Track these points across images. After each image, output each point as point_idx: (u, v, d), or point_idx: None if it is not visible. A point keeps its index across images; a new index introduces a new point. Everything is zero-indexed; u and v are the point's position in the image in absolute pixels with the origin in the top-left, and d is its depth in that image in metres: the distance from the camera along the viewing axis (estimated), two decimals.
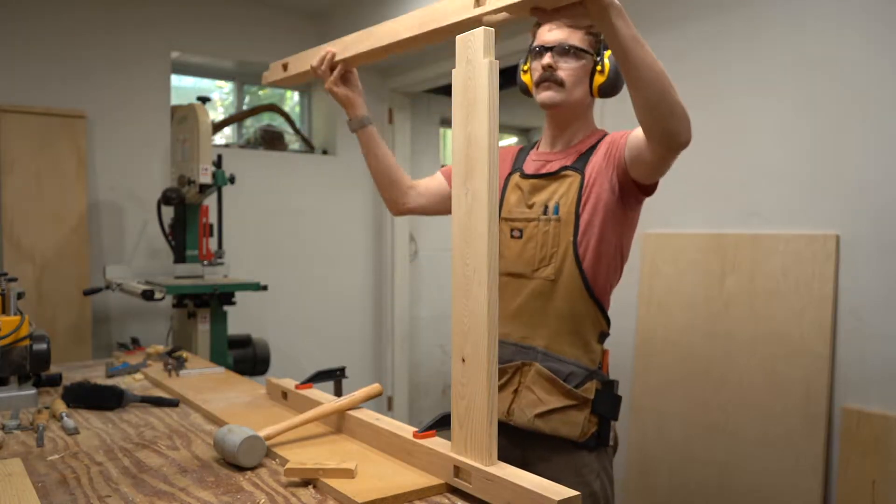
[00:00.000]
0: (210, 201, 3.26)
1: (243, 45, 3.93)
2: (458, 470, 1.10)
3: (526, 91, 1.67)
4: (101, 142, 3.49)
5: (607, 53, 1.53)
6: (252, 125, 4.33)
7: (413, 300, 4.64)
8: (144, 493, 1.12)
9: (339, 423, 1.45)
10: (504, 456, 1.09)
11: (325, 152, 4.37)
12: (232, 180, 3.13)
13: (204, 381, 1.94)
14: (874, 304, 2.04)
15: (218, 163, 3.18)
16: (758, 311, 2.29)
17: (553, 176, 1.59)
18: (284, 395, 1.68)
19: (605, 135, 1.61)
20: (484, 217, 1.06)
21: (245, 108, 4.32)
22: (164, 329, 3.41)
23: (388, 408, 4.41)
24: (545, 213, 1.57)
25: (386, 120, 4.38)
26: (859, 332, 2.07)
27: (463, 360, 1.10)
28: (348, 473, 1.14)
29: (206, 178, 2.97)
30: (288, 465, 1.16)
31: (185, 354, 2.26)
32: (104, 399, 1.66)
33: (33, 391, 1.69)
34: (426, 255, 4.75)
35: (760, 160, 2.33)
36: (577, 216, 1.53)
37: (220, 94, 4.37)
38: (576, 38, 1.54)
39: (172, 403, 1.69)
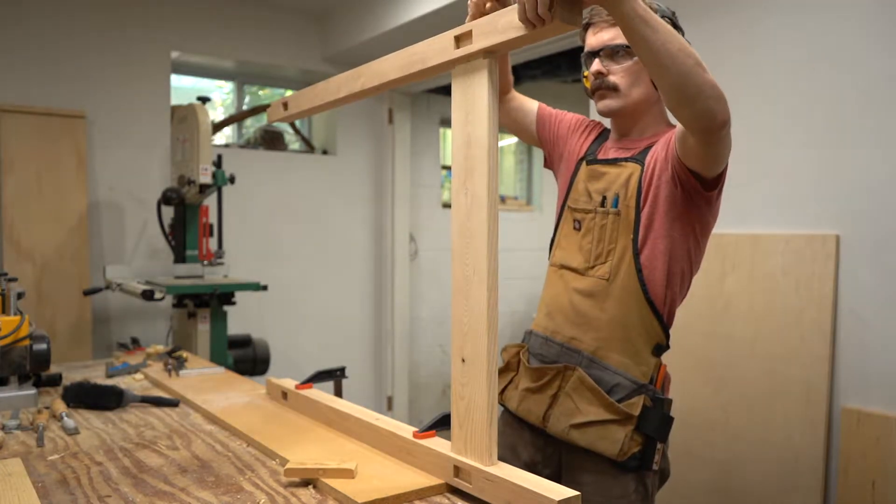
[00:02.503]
0: (210, 201, 3.26)
1: (243, 45, 3.93)
2: (458, 470, 1.11)
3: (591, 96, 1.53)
4: (101, 142, 3.49)
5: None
6: (252, 125, 4.33)
7: (413, 300, 4.64)
8: (144, 493, 1.12)
9: (339, 423, 1.45)
10: (537, 462, 1.00)
11: (325, 152, 4.37)
12: (232, 180, 3.13)
13: (204, 381, 1.94)
14: (874, 304, 2.04)
15: (218, 163, 3.19)
16: (758, 311, 2.29)
17: (612, 163, 1.46)
18: (284, 395, 1.68)
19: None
20: (483, 218, 1.06)
21: (245, 108, 4.32)
22: (164, 329, 3.41)
23: (388, 408, 4.41)
24: (602, 204, 1.44)
25: (386, 120, 4.38)
26: (859, 332, 2.07)
27: (463, 360, 1.10)
28: (348, 473, 1.14)
29: (206, 178, 2.97)
30: (288, 465, 1.17)
31: (185, 354, 2.27)
32: (104, 399, 1.66)
33: (33, 391, 1.69)
34: (426, 255, 4.75)
35: (760, 160, 2.33)
36: (638, 212, 1.39)
37: (220, 94, 4.37)
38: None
39: (172, 403, 1.69)
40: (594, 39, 1.45)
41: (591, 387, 1.39)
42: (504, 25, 0.99)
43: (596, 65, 1.44)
